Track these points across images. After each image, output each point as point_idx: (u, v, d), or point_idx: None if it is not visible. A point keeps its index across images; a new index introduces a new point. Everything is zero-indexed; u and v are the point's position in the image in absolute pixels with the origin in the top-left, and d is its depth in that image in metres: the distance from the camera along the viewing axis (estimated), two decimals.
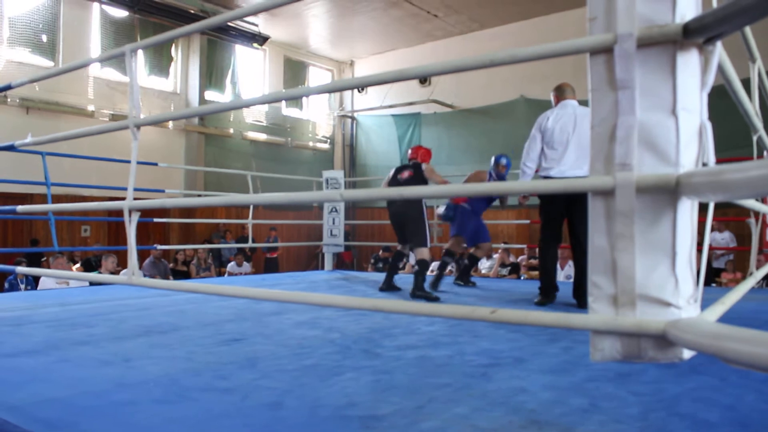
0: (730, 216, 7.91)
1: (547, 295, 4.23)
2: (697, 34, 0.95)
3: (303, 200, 1.76)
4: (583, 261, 4.11)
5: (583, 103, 1.78)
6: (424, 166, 5.21)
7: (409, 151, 5.48)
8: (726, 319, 0.99)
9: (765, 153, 3.17)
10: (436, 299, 4.73)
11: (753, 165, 0.81)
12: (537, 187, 1.29)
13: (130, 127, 2.14)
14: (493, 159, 5.86)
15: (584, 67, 1.07)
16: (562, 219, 4.25)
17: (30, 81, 3.12)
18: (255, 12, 2.01)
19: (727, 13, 0.89)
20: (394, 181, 5.30)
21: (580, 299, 4.11)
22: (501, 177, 5.76)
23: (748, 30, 2.00)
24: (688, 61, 0.98)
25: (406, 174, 5.22)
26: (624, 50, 0.99)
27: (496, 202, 6.52)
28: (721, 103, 2.78)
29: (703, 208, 1.08)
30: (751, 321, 3.41)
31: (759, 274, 2.20)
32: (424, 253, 5.02)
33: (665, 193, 0.97)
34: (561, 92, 4.36)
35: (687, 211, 1.00)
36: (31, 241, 10.11)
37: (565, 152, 4.14)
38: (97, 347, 2.67)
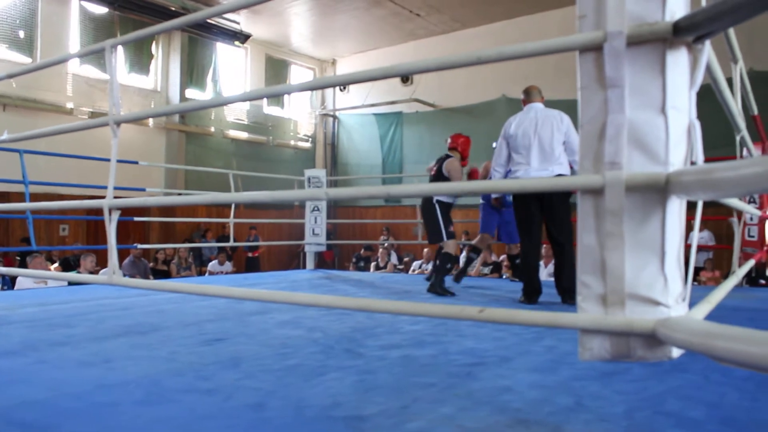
0: (709, 215, 7.98)
1: (530, 298, 4.26)
2: (687, 32, 0.95)
3: (288, 198, 1.74)
4: (562, 258, 4.19)
5: (571, 103, 1.78)
6: (446, 163, 5.07)
7: (449, 140, 5.33)
8: (707, 317, 0.99)
9: (745, 152, 3.20)
10: (451, 296, 4.77)
11: (743, 163, 0.81)
12: (525, 185, 1.29)
13: (110, 124, 2.10)
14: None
15: (566, 67, 1.07)
16: (540, 221, 4.29)
17: (8, 76, 3.06)
18: (236, 8, 1.99)
19: (718, 12, 0.89)
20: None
21: (563, 295, 4.15)
22: None
23: (731, 31, 2.02)
24: (678, 60, 0.98)
25: (434, 169, 5.20)
26: (614, 48, 0.99)
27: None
28: (701, 105, 2.81)
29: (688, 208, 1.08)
30: (731, 318, 3.44)
31: (741, 273, 2.22)
32: (448, 246, 5.04)
33: (655, 192, 0.97)
34: (528, 95, 4.45)
35: (676, 210, 0.99)
36: (21, 240, 9.92)
37: (529, 155, 4.24)
38: (77, 348, 2.62)
